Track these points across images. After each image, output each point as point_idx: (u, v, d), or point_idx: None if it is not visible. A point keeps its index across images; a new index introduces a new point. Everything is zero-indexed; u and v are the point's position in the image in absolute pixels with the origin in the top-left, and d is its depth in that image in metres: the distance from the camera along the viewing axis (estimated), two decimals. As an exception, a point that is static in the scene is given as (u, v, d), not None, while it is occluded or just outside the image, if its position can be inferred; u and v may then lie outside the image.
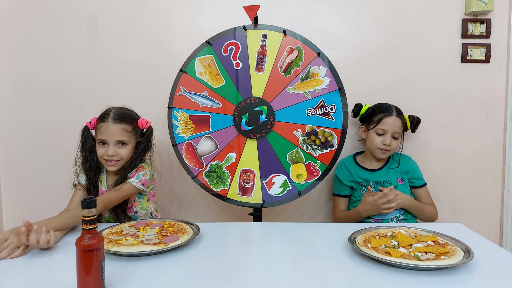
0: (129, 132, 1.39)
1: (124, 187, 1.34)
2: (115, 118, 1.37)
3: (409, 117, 1.69)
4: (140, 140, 1.45)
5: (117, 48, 1.84)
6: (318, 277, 0.87)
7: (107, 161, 1.37)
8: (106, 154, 1.35)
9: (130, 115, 1.43)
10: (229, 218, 1.90)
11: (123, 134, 1.37)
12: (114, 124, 1.36)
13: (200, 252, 1.02)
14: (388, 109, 1.63)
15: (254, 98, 1.49)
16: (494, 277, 0.85)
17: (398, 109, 1.64)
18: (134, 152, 1.41)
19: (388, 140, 1.59)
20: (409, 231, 1.10)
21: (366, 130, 1.67)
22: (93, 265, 0.76)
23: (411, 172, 1.66)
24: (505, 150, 1.83)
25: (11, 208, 1.94)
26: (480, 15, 1.77)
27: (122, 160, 1.38)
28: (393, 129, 1.59)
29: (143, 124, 1.45)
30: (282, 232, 1.22)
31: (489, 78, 1.81)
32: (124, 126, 1.38)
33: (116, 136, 1.36)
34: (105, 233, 1.12)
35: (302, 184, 1.48)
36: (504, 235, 1.87)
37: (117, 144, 1.37)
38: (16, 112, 1.89)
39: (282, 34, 1.46)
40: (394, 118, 1.60)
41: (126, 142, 1.38)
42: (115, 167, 1.38)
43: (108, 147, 1.36)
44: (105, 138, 1.36)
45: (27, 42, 1.86)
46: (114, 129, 1.36)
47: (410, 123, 1.69)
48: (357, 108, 1.70)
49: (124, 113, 1.42)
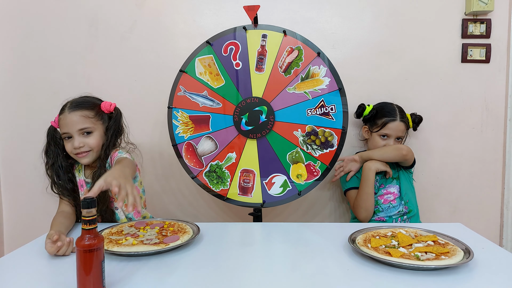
0: (91, 118, 1.29)
1: (123, 160, 1.20)
2: (72, 107, 1.28)
3: (411, 115, 1.70)
4: (108, 125, 1.34)
5: (117, 48, 1.84)
6: (318, 277, 0.87)
7: (77, 155, 1.28)
8: (73, 148, 1.27)
9: (88, 101, 1.33)
10: (229, 218, 1.90)
11: (84, 121, 1.27)
12: (71, 112, 1.27)
13: (200, 252, 1.02)
14: (392, 112, 1.63)
15: (254, 98, 1.49)
16: (494, 277, 0.85)
17: (402, 111, 1.65)
18: (104, 139, 1.32)
19: (391, 143, 1.61)
20: (409, 231, 1.10)
21: (369, 131, 1.68)
22: (93, 265, 0.76)
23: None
24: (505, 150, 1.83)
25: (11, 208, 1.94)
26: (480, 15, 1.77)
27: (92, 151, 1.29)
28: (396, 133, 1.62)
29: (107, 107, 1.34)
30: (282, 232, 1.22)
31: (489, 78, 1.81)
32: (82, 113, 1.28)
33: (76, 125, 1.26)
34: (105, 233, 1.12)
35: (302, 184, 1.48)
36: (504, 235, 1.87)
37: (81, 134, 1.27)
38: (16, 112, 1.89)
39: (282, 34, 1.46)
40: (398, 123, 1.61)
41: (91, 129, 1.29)
42: (87, 158, 1.29)
43: (74, 139, 1.27)
44: (66, 130, 1.27)
45: (27, 42, 1.86)
46: (72, 118, 1.26)
47: (412, 121, 1.70)
48: (360, 109, 1.70)
49: (81, 100, 1.32)
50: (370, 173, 1.54)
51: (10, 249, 1.93)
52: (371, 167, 1.55)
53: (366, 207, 1.54)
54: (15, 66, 1.87)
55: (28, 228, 1.92)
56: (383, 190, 1.61)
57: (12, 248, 1.90)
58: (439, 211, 1.87)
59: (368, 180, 1.54)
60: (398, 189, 1.61)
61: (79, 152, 1.27)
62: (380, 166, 1.56)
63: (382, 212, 1.59)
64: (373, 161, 1.57)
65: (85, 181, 1.36)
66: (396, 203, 1.59)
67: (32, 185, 1.91)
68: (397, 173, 1.63)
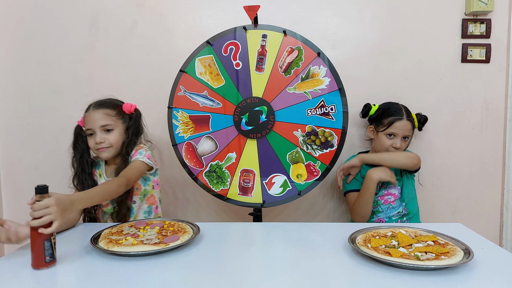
0: (113, 116, 1.40)
1: (134, 164, 1.35)
2: (96, 106, 1.40)
3: (417, 115, 1.68)
4: (129, 124, 1.45)
5: (118, 48, 1.84)
6: (318, 277, 0.87)
7: (98, 150, 1.38)
8: (95, 143, 1.37)
9: (111, 101, 1.45)
10: (229, 218, 1.90)
11: (106, 119, 1.38)
12: (95, 111, 1.39)
13: (200, 252, 1.02)
14: (399, 111, 1.61)
15: (254, 98, 1.49)
16: (494, 277, 0.85)
17: (408, 110, 1.64)
18: (125, 137, 1.42)
19: (398, 143, 1.59)
20: (409, 231, 1.10)
21: (375, 131, 1.66)
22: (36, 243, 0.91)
23: None
24: (505, 150, 1.83)
25: (11, 208, 1.94)
26: (480, 15, 1.77)
27: (112, 147, 1.39)
28: (403, 132, 1.60)
29: (128, 108, 1.45)
30: (282, 232, 1.22)
31: (489, 78, 1.81)
32: (105, 111, 1.39)
33: (98, 122, 1.37)
34: (105, 233, 1.12)
35: (302, 184, 1.48)
36: (504, 235, 1.87)
37: (103, 131, 1.38)
38: (17, 112, 1.89)
39: (282, 34, 1.47)
40: (405, 122, 1.59)
41: (111, 127, 1.39)
42: (106, 153, 1.39)
43: (96, 135, 1.38)
44: (89, 127, 1.38)
45: (28, 41, 1.86)
46: (95, 115, 1.38)
47: (418, 121, 1.68)
48: (366, 109, 1.68)
49: (105, 100, 1.44)
50: (372, 183, 1.51)
51: (10, 249, 1.93)
52: (373, 177, 1.51)
53: (362, 214, 1.55)
54: (15, 66, 1.87)
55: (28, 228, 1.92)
56: (384, 190, 1.60)
57: (12, 248, 1.91)
58: (439, 211, 1.87)
59: (369, 189, 1.52)
60: (399, 191, 1.60)
61: (100, 147, 1.37)
62: (384, 176, 1.51)
63: (382, 213, 1.58)
64: (376, 170, 1.52)
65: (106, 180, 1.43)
66: (396, 204, 1.59)
67: (32, 185, 1.89)
68: (400, 177, 1.62)
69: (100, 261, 0.96)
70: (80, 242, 1.10)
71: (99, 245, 1.03)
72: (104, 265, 0.94)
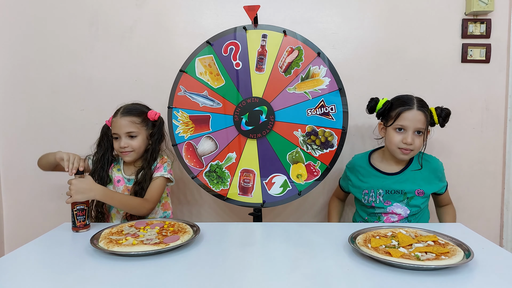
0: (138, 124, 1.47)
1: (158, 182, 1.46)
2: (123, 112, 1.48)
3: (436, 109, 1.44)
4: (152, 131, 1.52)
5: (118, 48, 1.84)
6: (318, 277, 0.87)
7: (121, 153, 1.47)
8: (119, 146, 1.46)
9: (138, 109, 1.51)
10: (229, 218, 1.90)
11: (131, 126, 1.46)
12: (122, 117, 1.46)
13: (200, 252, 1.02)
14: (408, 101, 1.41)
15: (254, 98, 1.49)
16: (494, 277, 0.85)
17: (421, 100, 1.43)
18: (148, 143, 1.51)
19: (409, 138, 1.37)
20: (409, 231, 1.10)
21: (385, 127, 1.47)
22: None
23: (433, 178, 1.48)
24: (505, 150, 1.83)
25: (11, 208, 1.94)
26: (480, 15, 1.77)
27: (134, 151, 1.47)
28: (414, 124, 1.37)
29: (152, 115, 1.52)
30: (282, 232, 1.22)
31: (489, 78, 1.81)
32: (131, 119, 1.47)
33: (124, 129, 1.45)
34: (105, 233, 1.12)
35: (302, 184, 1.48)
36: (504, 235, 1.87)
37: (127, 136, 1.46)
38: (17, 112, 1.89)
39: (282, 34, 1.46)
40: (415, 112, 1.38)
41: (136, 133, 1.47)
42: (129, 157, 1.47)
43: (121, 140, 1.46)
44: (116, 132, 1.47)
45: (28, 41, 1.86)
46: (122, 122, 1.46)
47: (438, 116, 1.43)
48: (372, 103, 1.50)
49: (133, 107, 1.51)
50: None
51: (10, 249, 1.93)
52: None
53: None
54: (15, 66, 1.87)
55: (28, 228, 1.92)
56: (388, 208, 1.46)
57: (12, 248, 1.91)
58: (439, 211, 1.86)
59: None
60: (406, 211, 1.44)
61: (123, 151, 1.47)
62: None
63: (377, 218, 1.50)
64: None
65: (124, 178, 1.51)
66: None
67: (32, 185, 1.91)
68: (415, 195, 1.44)
69: (100, 261, 0.96)
70: (80, 242, 1.10)
71: (99, 245, 1.03)
72: (104, 265, 0.94)
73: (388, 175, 1.49)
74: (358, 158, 1.60)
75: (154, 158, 1.50)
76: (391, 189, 1.46)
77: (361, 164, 1.56)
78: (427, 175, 1.48)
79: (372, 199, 1.49)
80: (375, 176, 1.50)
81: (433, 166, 1.50)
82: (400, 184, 1.46)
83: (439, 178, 1.51)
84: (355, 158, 1.62)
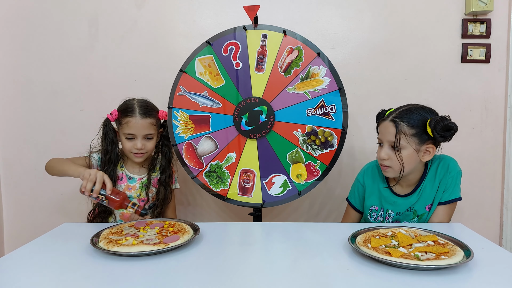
0: (154, 125, 1.46)
1: (174, 197, 1.56)
2: (143, 113, 1.42)
3: (431, 120, 1.19)
4: (162, 132, 1.52)
5: (117, 48, 1.84)
6: (318, 277, 0.87)
7: (135, 154, 1.43)
8: (135, 148, 1.41)
9: (153, 108, 1.49)
10: (229, 218, 1.90)
11: (151, 128, 1.44)
12: (143, 119, 1.41)
13: (200, 252, 1.02)
14: (382, 112, 1.32)
15: (254, 98, 1.49)
16: (494, 277, 0.85)
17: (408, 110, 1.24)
18: (158, 145, 1.51)
19: (382, 152, 1.23)
20: (409, 231, 1.10)
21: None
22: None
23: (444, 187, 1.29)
24: (505, 150, 1.83)
25: (11, 208, 1.94)
26: (480, 15, 1.77)
27: (147, 153, 1.46)
28: (385, 137, 1.24)
29: (163, 115, 1.51)
30: (282, 232, 1.22)
31: (489, 78, 1.81)
32: (151, 120, 1.44)
33: (145, 131, 1.42)
34: (105, 233, 1.12)
35: (302, 184, 1.48)
36: (504, 235, 1.87)
37: (144, 138, 1.43)
38: (17, 112, 1.89)
39: (282, 34, 1.46)
40: (386, 124, 1.24)
41: (152, 135, 1.45)
42: (142, 158, 1.45)
43: (136, 140, 1.41)
44: (134, 132, 1.41)
45: (27, 42, 1.86)
46: (143, 124, 1.41)
47: (432, 130, 1.18)
48: (377, 116, 1.37)
49: (149, 106, 1.47)
50: None
51: (10, 249, 1.93)
52: None
53: None
54: (15, 66, 1.87)
55: (28, 228, 1.92)
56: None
57: (12, 248, 1.91)
58: (439, 211, 1.86)
59: None
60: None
61: (138, 152, 1.42)
62: None
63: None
64: None
65: (126, 176, 1.47)
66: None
67: (32, 185, 1.91)
68: (425, 212, 1.30)
69: (100, 261, 0.96)
70: (80, 242, 1.10)
71: (99, 245, 1.03)
72: (104, 265, 0.94)
73: (402, 197, 1.33)
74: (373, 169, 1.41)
75: (169, 161, 1.51)
76: (403, 210, 1.33)
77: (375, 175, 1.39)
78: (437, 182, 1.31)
79: (380, 219, 1.37)
80: (389, 196, 1.35)
81: (447, 173, 1.31)
82: (414, 203, 1.31)
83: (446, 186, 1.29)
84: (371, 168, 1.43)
